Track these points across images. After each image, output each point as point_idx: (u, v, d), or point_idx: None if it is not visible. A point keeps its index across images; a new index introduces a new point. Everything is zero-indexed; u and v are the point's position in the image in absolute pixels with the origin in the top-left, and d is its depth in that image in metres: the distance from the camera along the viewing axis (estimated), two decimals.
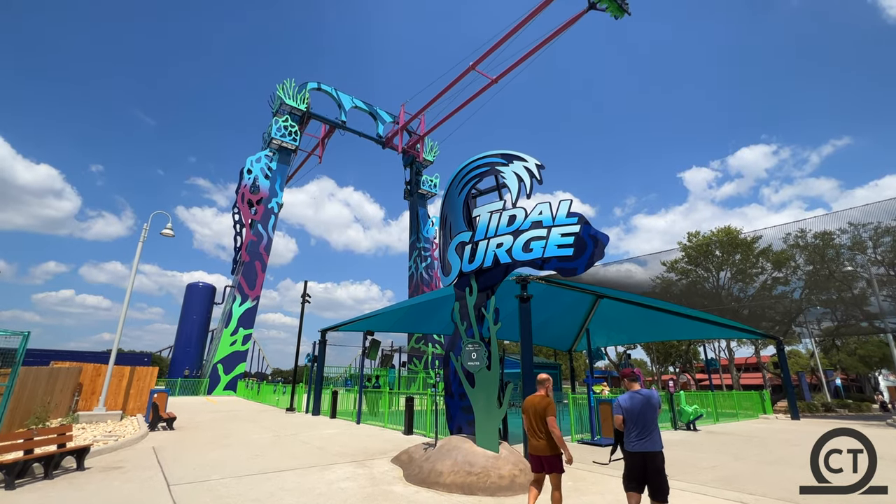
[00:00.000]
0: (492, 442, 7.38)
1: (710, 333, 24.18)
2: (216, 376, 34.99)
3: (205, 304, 43.23)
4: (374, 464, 8.46)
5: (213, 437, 11.95)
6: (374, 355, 18.55)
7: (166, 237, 16.16)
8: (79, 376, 15.33)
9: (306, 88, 45.02)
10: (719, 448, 10.97)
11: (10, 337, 9.19)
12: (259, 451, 9.79)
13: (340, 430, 13.70)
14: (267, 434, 12.58)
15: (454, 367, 8.42)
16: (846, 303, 22.98)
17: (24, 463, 6.79)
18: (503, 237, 8.02)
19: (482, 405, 7.73)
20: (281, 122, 42.47)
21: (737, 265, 30.49)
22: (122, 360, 25.65)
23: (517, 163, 8.38)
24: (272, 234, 40.77)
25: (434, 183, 54.33)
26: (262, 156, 41.79)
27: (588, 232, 7.12)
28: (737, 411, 19.55)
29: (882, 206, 20.31)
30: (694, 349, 45.30)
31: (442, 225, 9.57)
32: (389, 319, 18.55)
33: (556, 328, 19.71)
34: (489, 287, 8.29)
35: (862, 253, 21.85)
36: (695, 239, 35.85)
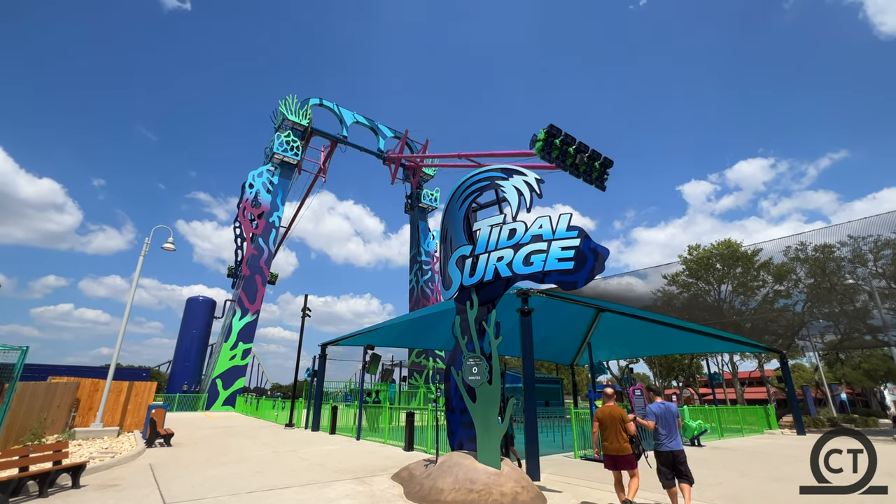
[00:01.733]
0: (493, 458, 7.27)
1: (712, 347, 24.00)
2: (215, 391, 34.68)
3: (204, 319, 43.08)
4: (374, 481, 8.33)
5: (211, 453, 11.78)
6: (374, 370, 18.38)
7: (167, 251, 16.19)
8: (76, 391, 15.19)
9: (308, 104, 45.63)
10: (725, 464, 10.80)
11: (9, 352, 9.15)
12: (258, 468, 9.65)
13: (340, 446, 13.52)
14: (266, 450, 12.41)
15: (455, 381, 8.35)
16: (849, 316, 22.88)
17: (19, 480, 6.70)
18: (504, 251, 8.03)
19: (483, 420, 7.64)
20: (283, 137, 42.93)
21: (738, 278, 30.44)
22: (120, 375, 25.43)
23: (517, 177, 8.45)
24: (273, 247, 40.87)
25: (435, 197, 54.63)
26: (264, 170, 42.13)
27: (588, 245, 7.13)
28: (741, 426, 19.29)
29: (881, 219, 20.39)
30: (697, 363, 44.87)
31: (443, 239, 9.60)
32: (390, 334, 18.46)
33: (558, 342, 19.59)
34: (490, 301, 8.28)
35: (863, 266, 21.84)
36: (695, 252, 35.85)
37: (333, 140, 47.42)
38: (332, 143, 47.66)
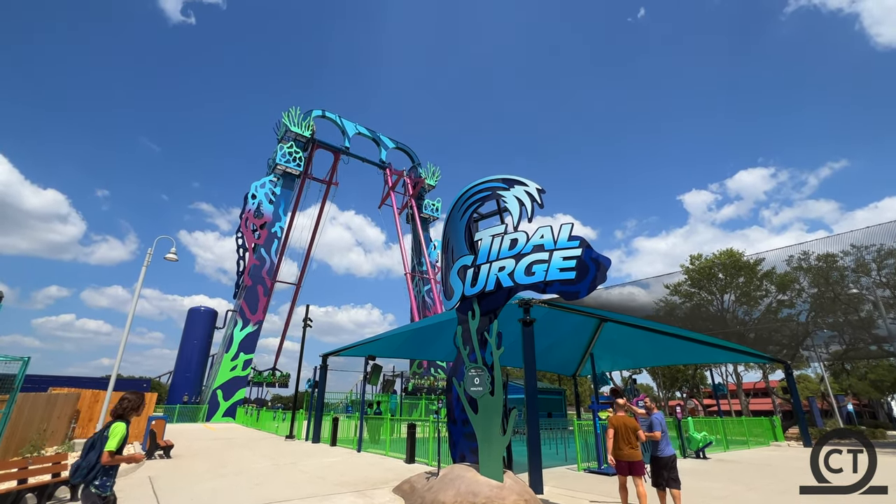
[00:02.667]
0: (496, 471, 7.19)
1: (716, 358, 23.80)
2: (215, 402, 34.50)
3: (206, 329, 43.00)
4: (375, 494, 8.23)
5: (211, 465, 11.68)
6: (375, 381, 18.27)
7: (169, 261, 16.23)
8: (77, 402, 15.14)
9: (311, 116, 46.13)
10: (731, 477, 10.65)
11: (10, 363, 9.14)
12: (258, 480, 9.56)
13: (341, 458, 13.39)
14: (266, 462, 12.30)
15: (457, 392, 8.30)
16: (853, 326, 22.73)
17: (18, 493, 6.65)
18: (505, 261, 8.04)
19: (485, 432, 7.57)
20: (286, 148, 43.32)
21: (740, 288, 30.30)
22: (120, 386, 25.36)
23: (518, 187, 8.48)
24: (275, 258, 40.96)
25: (436, 207, 54.83)
26: (267, 181, 42.44)
27: (590, 255, 7.13)
28: (747, 438, 19.04)
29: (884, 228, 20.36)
30: (701, 374, 44.47)
31: (444, 249, 9.62)
32: (391, 344, 18.38)
33: (560, 353, 19.48)
34: (492, 311, 8.26)
35: (866, 275, 21.75)
36: (697, 262, 35.76)
37: (335, 151, 47.86)
38: (335, 153, 48.12)
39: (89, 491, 4.03)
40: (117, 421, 4.29)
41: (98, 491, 4.04)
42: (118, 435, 4.15)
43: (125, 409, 4.37)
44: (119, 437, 4.14)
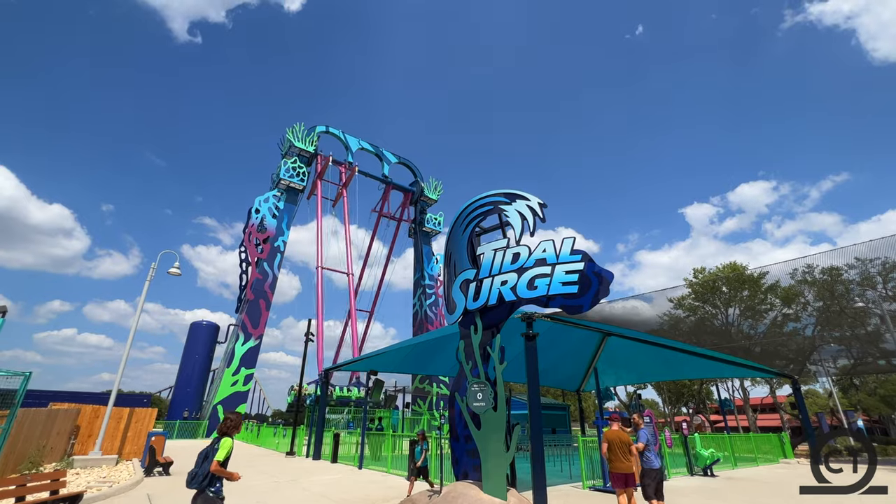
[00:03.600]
0: (499, 489, 7.06)
1: (722, 372, 23.49)
2: (216, 418, 34.13)
3: (208, 344, 42.86)
4: None
5: None
6: (377, 395, 18.11)
7: (172, 276, 16.29)
8: (77, 418, 15.01)
9: (315, 131, 46.68)
10: (741, 496, 10.42)
11: (11, 378, 9.11)
12: (257, 498, 9.42)
13: (342, 475, 13.19)
14: (266, 479, 12.13)
15: (459, 408, 8.20)
16: (861, 340, 22.46)
17: None
18: (507, 275, 8.03)
19: (489, 449, 7.46)
20: (290, 163, 43.74)
21: (745, 301, 30.08)
22: (121, 402, 25.12)
23: (520, 201, 8.52)
24: (277, 272, 41.00)
25: (438, 221, 54.99)
26: (271, 195, 42.76)
27: (592, 269, 7.12)
28: (755, 455, 18.66)
29: (888, 241, 20.28)
30: (707, 389, 43.86)
31: (446, 263, 9.62)
32: (393, 359, 18.25)
33: (564, 368, 19.26)
34: (494, 325, 8.22)
35: (872, 288, 21.59)
36: (701, 275, 35.60)
37: (338, 165, 48.29)
38: (341, 168, 48.57)
39: (207, 495, 4.68)
40: (224, 437, 4.92)
41: (214, 494, 4.71)
42: (226, 448, 4.79)
43: (228, 427, 5.03)
44: (227, 449, 4.79)
